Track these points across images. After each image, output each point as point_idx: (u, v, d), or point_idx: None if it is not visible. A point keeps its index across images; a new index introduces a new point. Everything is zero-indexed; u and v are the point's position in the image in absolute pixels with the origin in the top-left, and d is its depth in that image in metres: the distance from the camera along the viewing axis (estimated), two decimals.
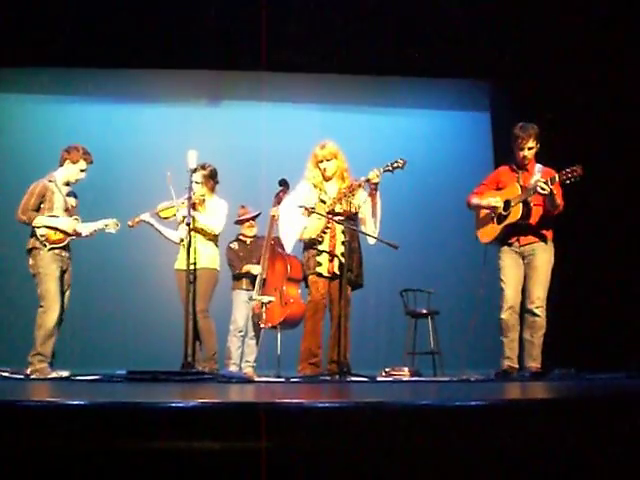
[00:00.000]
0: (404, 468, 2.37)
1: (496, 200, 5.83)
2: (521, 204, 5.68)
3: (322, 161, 5.82)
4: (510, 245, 5.81)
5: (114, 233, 6.11)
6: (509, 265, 5.79)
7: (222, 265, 6.54)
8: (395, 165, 5.58)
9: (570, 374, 6.09)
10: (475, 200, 5.96)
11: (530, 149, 5.77)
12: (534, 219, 5.70)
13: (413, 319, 7.37)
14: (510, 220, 5.74)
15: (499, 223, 5.83)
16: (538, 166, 5.79)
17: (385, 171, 5.58)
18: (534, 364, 5.62)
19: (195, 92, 9.39)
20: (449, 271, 8.88)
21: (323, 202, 5.78)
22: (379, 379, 5.63)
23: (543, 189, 5.48)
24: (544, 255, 5.71)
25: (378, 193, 5.72)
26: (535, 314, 5.64)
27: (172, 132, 8.98)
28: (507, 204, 5.77)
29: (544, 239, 5.74)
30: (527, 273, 5.74)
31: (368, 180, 5.61)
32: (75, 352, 6.88)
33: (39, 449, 2.39)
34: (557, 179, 5.45)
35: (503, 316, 5.72)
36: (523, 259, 5.77)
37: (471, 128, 9.46)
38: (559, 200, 5.59)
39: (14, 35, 7.89)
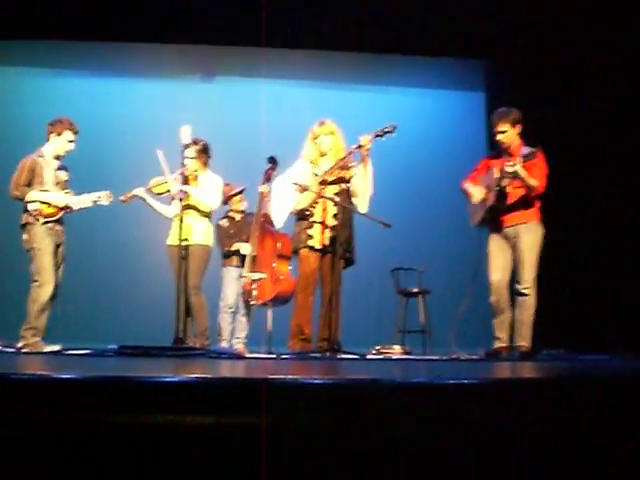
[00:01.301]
0: (397, 445, 2.39)
1: (476, 190, 5.88)
2: (496, 188, 5.71)
3: (319, 136, 5.84)
4: (495, 229, 5.85)
5: (107, 205, 6.11)
6: (494, 251, 5.84)
7: (215, 242, 6.55)
8: (386, 130, 5.60)
9: (559, 354, 6.15)
10: (465, 186, 5.99)
11: (502, 132, 5.75)
12: (512, 200, 5.71)
13: (404, 297, 7.39)
14: (487, 203, 5.78)
15: (481, 207, 5.87)
16: (524, 149, 5.78)
17: (376, 136, 5.61)
18: (524, 343, 5.66)
19: (189, 67, 9.35)
20: (441, 250, 8.91)
21: (316, 175, 5.80)
22: (369, 357, 5.66)
23: (507, 172, 5.52)
24: (528, 236, 5.72)
25: (370, 163, 5.73)
26: (523, 294, 5.68)
27: (166, 107, 8.95)
28: (489, 188, 5.81)
29: (527, 220, 5.75)
30: (514, 255, 5.78)
31: (360, 146, 5.63)
32: (67, 326, 6.86)
33: (30, 422, 2.41)
34: (521, 161, 5.47)
35: (492, 300, 5.80)
36: (509, 241, 5.80)
37: (465, 108, 9.44)
38: (531, 182, 5.59)
39: (4, 8, 7.82)
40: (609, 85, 7.64)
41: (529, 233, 5.73)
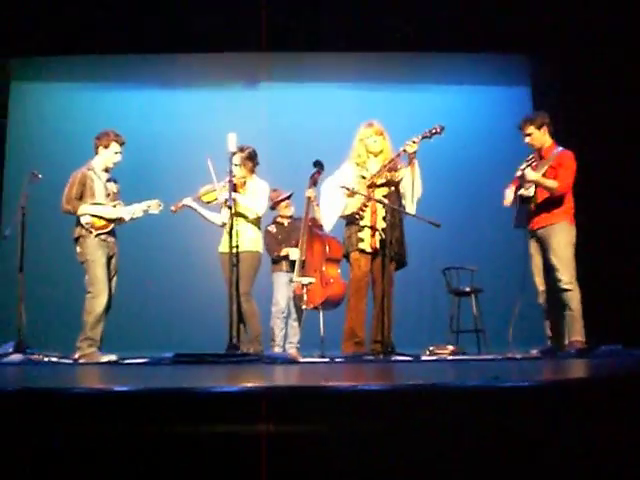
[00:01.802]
0: (455, 448, 2.37)
1: (509, 194, 5.95)
2: (519, 191, 5.82)
3: (367, 138, 5.83)
4: (530, 231, 5.88)
5: (157, 214, 6.19)
6: (533, 253, 5.89)
7: (264, 248, 6.56)
8: (433, 131, 5.58)
9: (617, 350, 6.04)
10: (505, 191, 6.03)
11: (529, 135, 5.86)
12: (539, 202, 5.77)
13: (456, 297, 7.35)
14: (514, 203, 5.90)
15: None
16: (555, 151, 5.82)
17: (423, 138, 5.59)
18: (577, 338, 5.62)
19: (232, 75, 9.39)
20: (492, 248, 8.81)
21: (364, 178, 5.79)
22: (423, 358, 5.63)
23: (518, 176, 5.74)
24: (557, 236, 5.72)
25: (417, 164, 5.71)
26: (565, 290, 5.66)
27: (211, 116, 9.01)
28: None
29: (557, 221, 5.74)
30: (547, 257, 5.76)
31: (405, 150, 5.61)
32: (122, 336, 6.96)
33: (91, 435, 2.43)
34: (526, 165, 5.69)
35: (540, 301, 5.86)
36: (542, 243, 5.80)
37: (512, 103, 9.31)
38: (548, 183, 5.67)
39: (53, 23, 7.97)
40: None
41: (560, 233, 5.72)
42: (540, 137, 5.84)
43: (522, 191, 5.80)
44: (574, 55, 8.07)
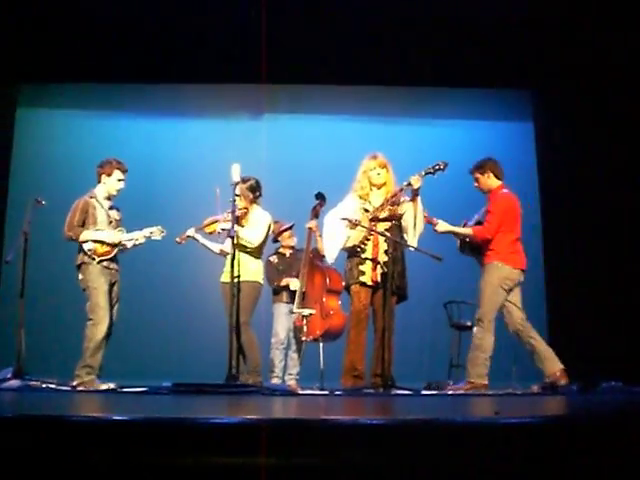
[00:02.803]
0: None
1: None
2: None
3: (371, 170, 5.85)
4: None
5: (160, 240, 6.17)
6: None
7: (264, 278, 6.54)
8: (436, 167, 5.63)
9: (617, 387, 6.02)
10: None
11: (475, 180, 6.08)
12: (477, 245, 5.96)
13: (457, 331, 7.32)
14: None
15: None
16: (501, 192, 6.01)
17: (427, 174, 5.64)
18: (472, 380, 5.66)
19: (237, 106, 9.44)
20: None
21: (366, 211, 5.80)
22: (423, 392, 5.60)
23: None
24: (484, 276, 5.86)
25: (419, 199, 5.73)
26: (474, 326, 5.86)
27: (215, 146, 9.04)
28: None
29: (488, 261, 5.87)
30: None
31: (409, 184, 5.63)
32: (122, 364, 6.93)
33: (88, 464, 2.41)
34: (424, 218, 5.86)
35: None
36: None
37: (514, 138, 9.36)
38: (464, 231, 5.95)
39: (61, 51, 8.03)
40: None
41: (486, 273, 5.86)
42: (485, 181, 6.04)
43: (457, 243, 6.05)
44: (577, 90, 8.13)
